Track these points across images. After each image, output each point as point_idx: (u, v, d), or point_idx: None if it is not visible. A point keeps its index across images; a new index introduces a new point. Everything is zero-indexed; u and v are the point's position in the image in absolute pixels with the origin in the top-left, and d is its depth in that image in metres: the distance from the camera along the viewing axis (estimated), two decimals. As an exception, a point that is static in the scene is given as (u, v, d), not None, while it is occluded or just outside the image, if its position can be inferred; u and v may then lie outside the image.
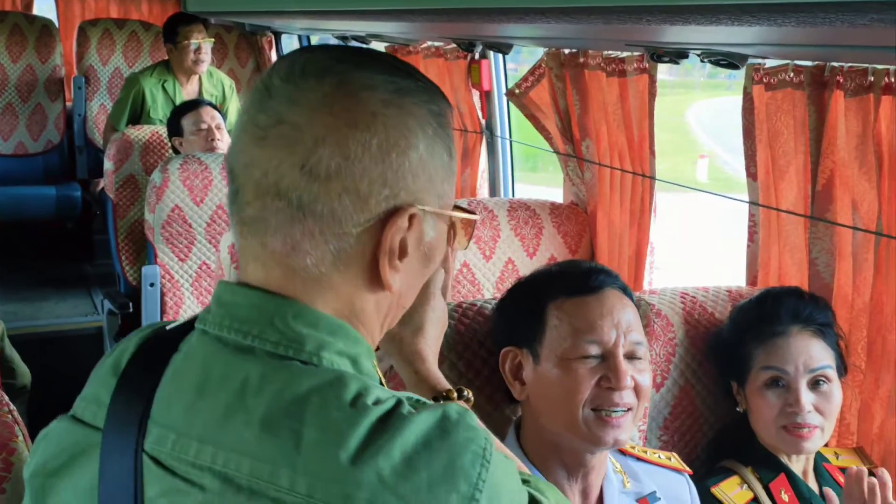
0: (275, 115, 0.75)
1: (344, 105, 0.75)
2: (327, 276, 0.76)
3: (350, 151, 0.74)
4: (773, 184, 1.80)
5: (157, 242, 2.73)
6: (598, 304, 1.24)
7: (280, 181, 0.74)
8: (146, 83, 3.90)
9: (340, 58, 0.78)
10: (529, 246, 2.42)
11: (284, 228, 0.75)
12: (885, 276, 1.57)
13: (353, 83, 0.76)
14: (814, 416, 1.48)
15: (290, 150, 0.74)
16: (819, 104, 1.65)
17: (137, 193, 3.36)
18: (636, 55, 2.11)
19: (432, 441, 0.70)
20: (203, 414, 0.73)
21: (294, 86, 0.76)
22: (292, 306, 0.76)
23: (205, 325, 0.78)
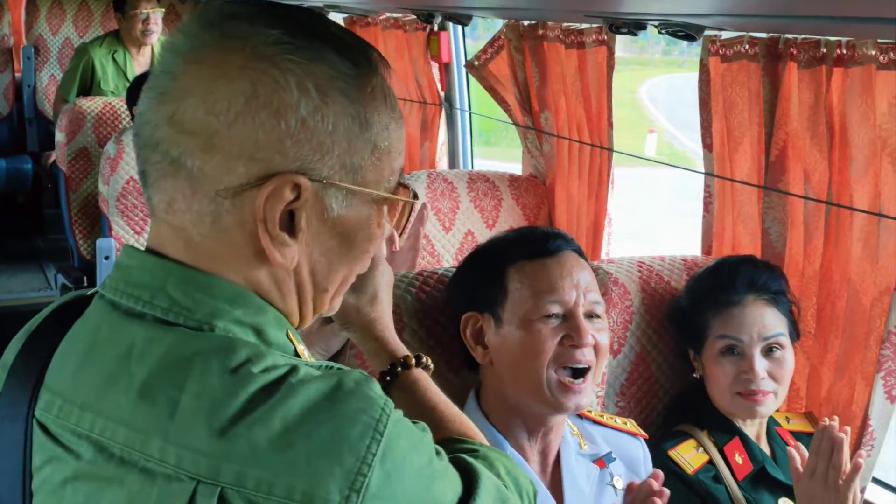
0: (162, 67, 0.73)
1: (216, 57, 0.71)
2: (209, 241, 0.72)
3: (216, 106, 0.70)
4: (728, 155, 1.83)
5: (111, 215, 2.68)
6: (557, 266, 1.26)
7: (154, 132, 0.72)
8: (96, 54, 3.82)
9: (236, 12, 0.73)
10: (489, 218, 2.44)
11: (160, 182, 0.72)
12: (835, 244, 1.61)
13: (231, 35, 0.72)
14: (767, 382, 1.52)
15: (161, 100, 0.72)
16: (773, 76, 1.68)
17: (91, 166, 3.29)
18: (595, 27, 2.12)
19: (318, 411, 0.66)
20: (88, 379, 0.71)
21: (183, 37, 0.73)
22: (186, 272, 0.72)
23: (103, 288, 0.76)
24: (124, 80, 3.87)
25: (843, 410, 1.58)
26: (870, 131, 1.51)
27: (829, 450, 1.37)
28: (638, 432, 1.40)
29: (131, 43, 3.85)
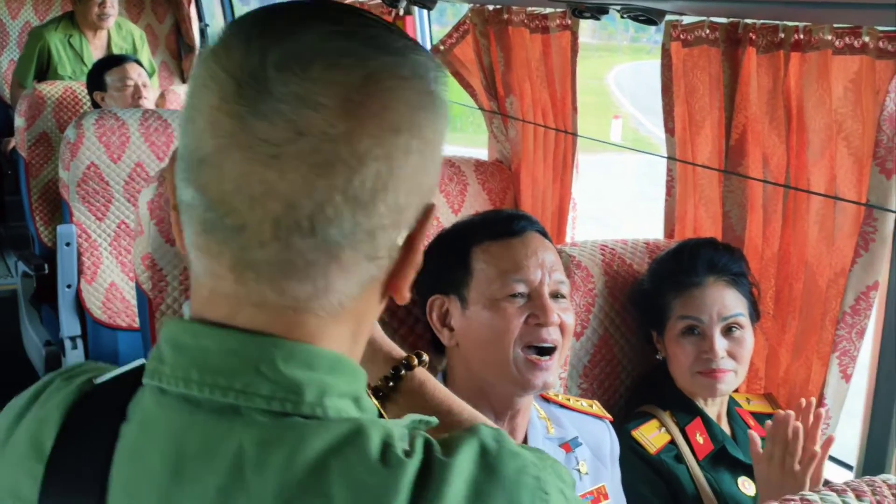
0: (287, 123, 0.56)
1: (381, 103, 0.58)
2: (345, 308, 0.60)
3: (395, 162, 0.58)
4: (689, 139, 1.85)
5: (72, 201, 2.65)
6: (522, 246, 1.28)
7: (315, 214, 0.56)
8: (51, 38, 3.74)
9: (344, 31, 0.59)
10: (454, 202, 2.44)
11: (317, 270, 0.58)
12: (793, 227, 1.64)
13: (383, 71, 0.58)
14: (727, 361, 1.55)
15: (324, 171, 0.56)
16: (733, 60, 1.70)
17: (51, 151, 3.24)
18: (559, 12, 2.12)
19: (482, 487, 0.58)
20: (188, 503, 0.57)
21: (303, 78, 0.56)
22: (282, 346, 0.59)
23: (160, 379, 0.60)
24: (81, 65, 3.80)
25: (800, 390, 1.61)
26: (826, 116, 1.53)
27: (785, 437, 1.39)
28: (604, 415, 1.42)
29: (87, 27, 3.77)
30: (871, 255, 1.47)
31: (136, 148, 2.68)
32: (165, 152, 2.71)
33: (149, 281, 2.02)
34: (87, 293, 2.66)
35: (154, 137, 2.70)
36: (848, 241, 1.51)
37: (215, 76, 0.58)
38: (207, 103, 0.58)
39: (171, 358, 0.60)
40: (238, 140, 0.57)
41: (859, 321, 1.50)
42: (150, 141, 2.69)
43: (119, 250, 2.74)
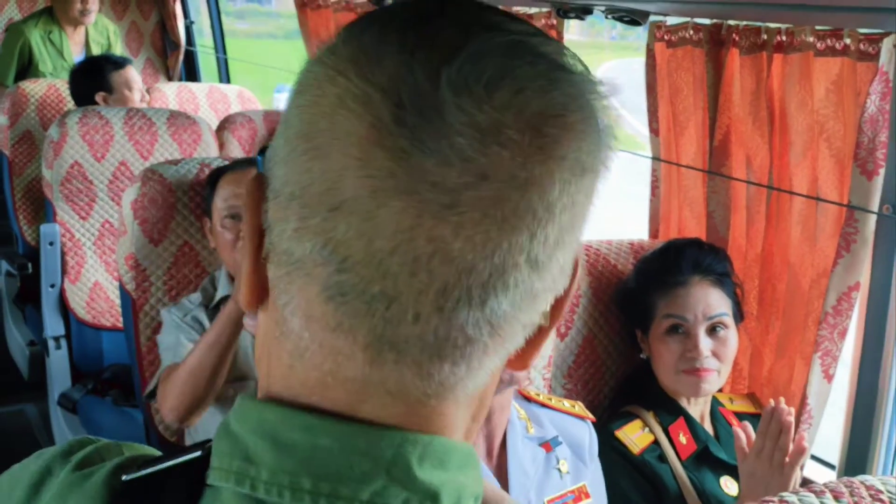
0: (466, 162, 0.42)
1: (573, 138, 0.45)
2: (478, 388, 0.48)
3: (578, 210, 0.46)
4: (674, 139, 1.85)
5: (55, 200, 2.63)
6: None
7: (493, 281, 0.44)
8: (31, 35, 3.71)
9: (522, 44, 0.45)
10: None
11: (475, 349, 0.46)
12: (776, 227, 1.65)
13: (572, 98, 0.45)
14: (711, 360, 1.56)
15: (510, 226, 0.43)
16: (716, 61, 1.70)
17: (35, 150, 3.22)
18: (544, 11, 2.12)
19: None
20: None
21: (489, 105, 0.42)
22: (416, 442, 0.46)
23: (253, 487, 0.45)
24: (61, 60, 3.77)
25: (783, 390, 1.62)
26: (808, 117, 1.54)
27: (777, 431, 1.40)
28: (585, 415, 1.42)
29: (67, 22, 3.74)
30: (853, 256, 1.48)
31: (120, 146, 2.66)
32: (150, 151, 2.70)
33: (132, 281, 2.01)
34: (71, 293, 2.64)
35: (138, 136, 2.68)
36: (830, 242, 1.52)
37: (360, 95, 0.43)
38: (349, 131, 0.43)
39: (269, 459, 0.45)
40: (400, 183, 0.42)
41: (841, 321, 1.50)
42: (134, 140, 2.67)
43: (103, 250, 2.72)
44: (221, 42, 4.39)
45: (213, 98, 3.79)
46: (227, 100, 3.80)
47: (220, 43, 4.39)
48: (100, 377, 2.62)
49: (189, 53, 4.69)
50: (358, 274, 0.44)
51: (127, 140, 2.67)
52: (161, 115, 2.73)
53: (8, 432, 3.23)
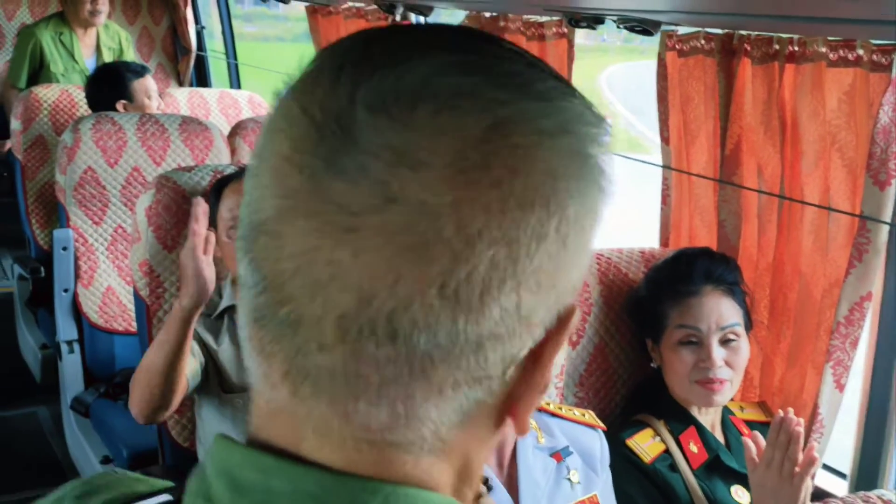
0: (374, 184, 0.40)
1: (508, 165, 0.40)
2: (445, 442, 0.44)
3: (520, 249, 0.41)
4: (684, 148, 1.86)
5: (69, 205, 2.65)
6: None
7: (398, 314, 0.40)
8: (43, 36, 3.75)
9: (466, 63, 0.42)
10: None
11: (395, 390, 0.42)
12: (787, 237, 1.65)
13: (515, 121, 0.41)
14: (724, 370, 1.56)
15: (416, 255, 0.40)
16: (728, 71, 1.71)
17: (47, 154, 3.24)
18: (555, 20, 2.13)
19: None
20: None
21: (403, 125, 0.40)
22: (374, 491, 0.42)
23: None
24: (72, 62, 3.80)
25: (795, 399, 1.63)
26: (820, 127, 1.54)
27: (787, 442, 1.40)
28: (596, 424, 1.42)
29: (78, 24, 3.78)
30: (865, 266, 1.48)
31: (133, 152, 2.68)
32: (163, 157, 2.71)
33: (146, 287, 2.02)
34: (84, 297, 2.66)
35: (151, 142, 2.70)
36: (842, 252, 1.53)
37: (290, 116, 0.42)
38: (276, 151, 0.42)
39: (227, 500, 0.43)
40: (306, 203, 0.40)
41: (853, 331, 1.51)
42: (147, 145, 2.69)
43: (116, 254, 2.74)
44: (232, 47, 4.41)
45: (224, 103, 3.80)
46: (237, 105, 3.82)
47: (231, 48, 4.42)
48: (112, 381, 2.63)
49: (200, 58, 4.71)
50: (270, 296, 0.42)
51: (140, 146, 2.68)
52: (173, 121, 2.75)
53: (20, 435, 3.25)
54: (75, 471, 2.68)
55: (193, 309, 1.62)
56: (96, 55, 3.87)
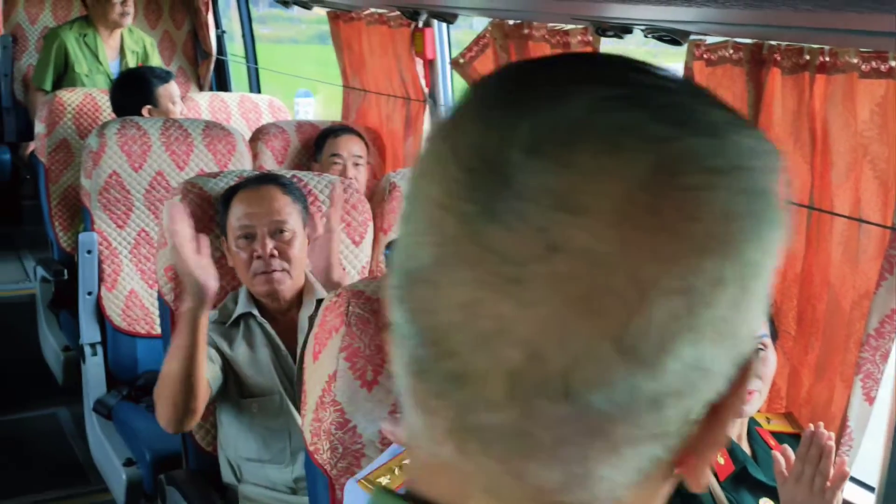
0: (535, 231, 0.38)
1: (681, 208, 0.38)
2: (619, 501, 0.42)
3: (698, 299, 0.39)
4: (711, 158, 1.85)
5: (93, 209, 2.67)
6: None
7: (571, 371, 0.38)
8: (67, 38, 3.79)
9: (626, 96, 0.40)
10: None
11: (571, 450, 0.40)
12: (816, 248, 1.64)
13: (685, 159, 0.38)
14: (754, 381, 1.55)
15: (587, 308, 0.38)
16: (757, 81, 1.70)
17: (71, 158, 3.27)
18: (580, 28, 2.13)
19: None
20: None
21: (562, 166, 0.38)
22: None
23: None
24: (97, 63, 3.84)
25: (823, 411, 1.62)
26: (851, 138, 1.53)
27: (817, 456, 1.39)
28: None
29: (104, 26, 3.82)
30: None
31: (156, 157, 2.70)
32: (186, 162, 2.73)
33: (171, 292, 2.04)
34: (108, 300, 2.68)
35: (175, 146, 2.72)
36: (872, 264, 1.52)
37: (440, 159, 0.40)
38: (428, 196, 0.40)
39: None
40: (464, 251, 0.38)
41: (884, 344, 1.50)
42: (170, 150, 2.71)
43: (139, 258, 2.76)
44: (253, 52, 4.44)
45: (245, 108, 3.82)
46: (258, 109, 3.83)
47: (252, 53, 4.44)
48: (134, 384, 2.65)
49: (220, 62, 4.74)
50: (431, 349, 0.40)
51: (164, 150, 2.70)
52: (197, 125, 2.77)
53: (41, 435, 3.28)
54: (96, 472, 2.70)
55: (197, 309, 1.62)
56: (120, 58, 3.91)
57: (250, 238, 1.85)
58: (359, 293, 1.34)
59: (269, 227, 1.85)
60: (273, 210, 1.86)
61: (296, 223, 1.88)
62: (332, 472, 1.32)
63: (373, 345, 1.31)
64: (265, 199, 1.88)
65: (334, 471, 1.32)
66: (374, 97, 3.26)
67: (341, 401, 1.30)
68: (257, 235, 1.85)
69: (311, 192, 2.11)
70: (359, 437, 1.32)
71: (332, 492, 1.33)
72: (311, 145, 3.07)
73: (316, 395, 1.33)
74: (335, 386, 1.30)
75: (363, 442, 1.33)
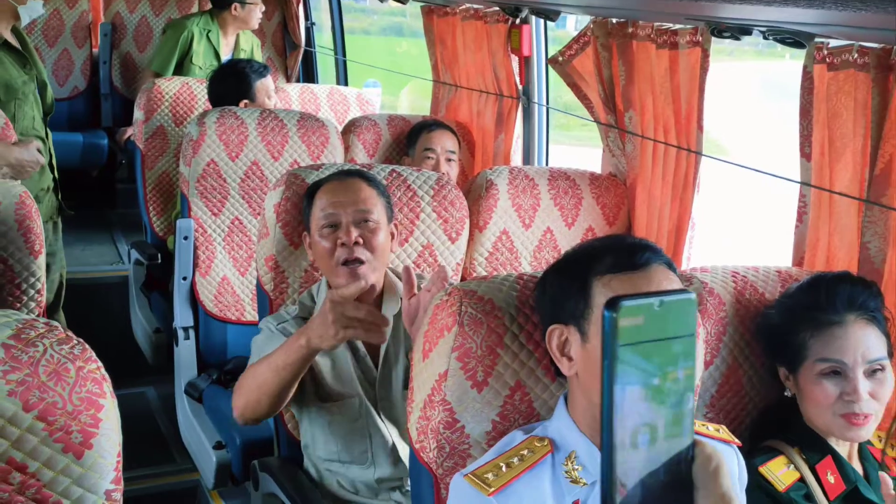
0: None
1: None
2: None
3: None
4: (828, 165, 1.79)
5: (191, 196, 2.72)
6: (645, 282, 1.22)
7: None
8: (194, 29, 3.91)
9: None
10: (568, 216, 2.42)
11: None
12: (941, 263, 1.57)
13: None
14: (870, 403, 1.49)
15: None
16: (883, 87, 1.63)
17: (166, 144, 3.35)
18: (689, 28, 2.08)
19: None
20: None
21: None
22: None
23: None
24: (213, 59, 3.94)
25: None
26: None
27: None
28: (732, 440, 1.37)
29: (234, 27, 3.98)
30: None
31: (252, 147, 2.74)
32: (280, 152, 2.77)
33: (271, 282, 2.06)
34: (201, 286, 2.74)
35: (270, 137, 2.76)
36: None
37: None
38: None
39: None
40: None
41: None
42: (266, 140, 2.75)
43: (232, 245, 2.81)
44: (342, 45, 4.48)
45: (334, 100, 3.86)
46: (346, 101, 3.87)
47: (341, 45, 4.48)
48: (223, 368, 2.70)
49: (307, 54, 4.80)
50: None
51: (259, 141, 2.74)
52: (292, 117, 2.80)
53: (130, 413, 3.37)
54: (184, 452, 2.77)
55: (319, 350, 1.63)
56: (232, 55, 4.01)
57: (335, 227, 1.84)
58: (471, 293, 1.32)
59: (355, 217, 1.84)
60: (359, 200, 1.86)
61: (380, 215, 1.87)
62: (438, 472, 1.32)
63: (484, 345, 1.30)
64: (350, 189, 1.88)
65: (440, 470, 1.32)
66: (465, 92, 3.25)
67: (451, 400, 1.29)
68: (342, 223, 1.84)
69: (409, 188, 2.12)
70: (466, 437, 1.31)
71: (437, 490, 1.33)
72: (403, 139, 3.08)
73: (425, 393, 1.33)
74: (445, 385, 1.29)
75: (470, 442, 1.32)
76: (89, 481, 0.97)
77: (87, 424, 0.96)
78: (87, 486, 0.97)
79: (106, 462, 0.97)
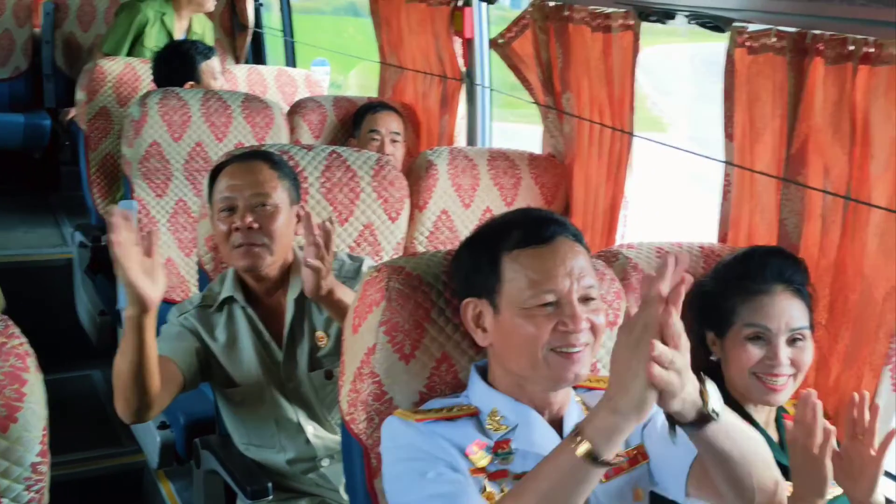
0: None
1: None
2: None
3: None
4: (748, 145, 1.86)
5: (134, 177, 2.72)
6: (551, 254, 1.26)
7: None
8: (148, 12, 3.82)
9: None
10: (507, 195, 2.47)
11: None
12: (851, 239, 1.65)
13: None
14: (788, 369, 1.56)
15: None
16: (799, 70, 1.70)
17: (110, 126, 3.32)
18: (621, 11, 2.14)
19: None
20: None
21: None
22: None
23: None
24: (166, 42, 3.88)
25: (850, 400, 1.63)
26: (893, 130, 1.54)
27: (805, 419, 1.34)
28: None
29: (188, 9, 3.87)
30: (931, 272, 1.48)
31: (196, 128, 2.74)
32: (225, 133, 2.77)
33: (211, 262, 2.08)
34: (145, 267, 2.72)
35: (214, 118, 2.75)
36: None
37: None
38: None
39: None
40: None
41: (915, 336, 1.51)
42: (210, 121, 2.75)
43: (176, 227, 2.80)
44: (290, 26, 4.46)
45: (282, 81, 3.86)
46: (294, 83, 3.86)
47: (289, 27, 4.46)
48: (168, 349, 2.71)
49: (256, 35, 4.76)
50: None
51: (203, 122, 2.74)
52: (236, 98, 2.80)
53: (75, 396, 3.36)
54: (129, 433, 2.77)
55: (140, 316, 1.55)
56: (186, 38, 3.95)
57: (231, 211, 1.82)
58: (399, 269, 1.36)
59: (251, 200, 1.81)
60: (256, 182, 1.83)
61: (280, 198, 1.84)
62: (368, 442, 1.36)
63: (411, 319, 1.34)
64: (250, 172, 1.84)
65: (370, 440, 1.36)
66: (410, 74, 3.28)
67: (379, 373, 1.34)
68: (238, 208, 1.81)
69: (349, 168, 2.14)
70: (395, 408, 1.35)
71: (367, 460, 1.37)
72: (349, 121, 3.09)
73: (354, 366, 1.37)
74: (374, 358, 1.33)
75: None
76: (15, 454, 0.99)
77: (12, 399, 0.98)
78: (13, 459, 0.99)
79: (31, 435, 0.99)
